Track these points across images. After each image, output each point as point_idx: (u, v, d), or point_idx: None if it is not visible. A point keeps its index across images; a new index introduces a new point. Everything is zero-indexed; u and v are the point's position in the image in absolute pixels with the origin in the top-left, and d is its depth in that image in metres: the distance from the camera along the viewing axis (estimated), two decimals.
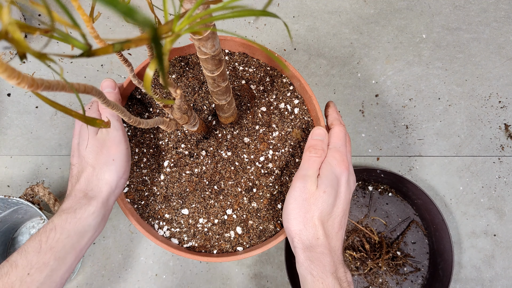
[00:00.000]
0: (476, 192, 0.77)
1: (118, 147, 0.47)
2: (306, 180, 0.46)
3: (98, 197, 0.45)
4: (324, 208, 0.45)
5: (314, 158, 0.47)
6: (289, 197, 0.47)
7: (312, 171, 0.46)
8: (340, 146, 0.48)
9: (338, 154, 0.47)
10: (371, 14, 0.82)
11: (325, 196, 0.45)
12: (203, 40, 0.33)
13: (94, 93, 0.25)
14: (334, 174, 0.46)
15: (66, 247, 0.42)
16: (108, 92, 0.50)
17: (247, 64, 0.59)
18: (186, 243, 0.54)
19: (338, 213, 0.46)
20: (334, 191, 0.45)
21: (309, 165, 0.47)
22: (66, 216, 0.43)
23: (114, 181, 0.46)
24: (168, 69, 0.21)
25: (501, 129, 0.79)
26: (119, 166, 0.47)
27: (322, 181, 0.45)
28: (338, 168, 0.46)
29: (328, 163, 0.46)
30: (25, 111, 0.76)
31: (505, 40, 0.81)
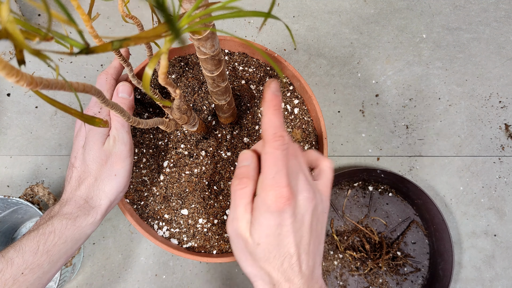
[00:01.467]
0: (476, 192, 0.77)
1: (122, 163, 0.47)
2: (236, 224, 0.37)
3: (98, 208, 0.45)
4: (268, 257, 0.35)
5: (239, 192, 0.37)
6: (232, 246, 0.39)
7: (241, 210, 0.37)
8: (275, 173, 0.35)
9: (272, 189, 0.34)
10: (371, 14, 0.81)
11: (261, 247, 0.35)
12: (203, 40, 0.33)
13: (93, 92, 0.25)
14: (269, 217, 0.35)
15: (61, 252, 0.43)
16: (123, 98, 0.49)
17: (246, 64, 0.59)
18: (186, 243, 0.54)
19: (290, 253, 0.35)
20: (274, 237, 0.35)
21: (235, 202, 0.37)
22: (66, 222, 0.43)
23: (114, 195, 0.47)
24: (167, 68, 0.20)
25: (501, 129, 0.79)
26: (120, 182, 0.47)
27: (254, 227, 0.36)
28: (275, 207, 0.34)
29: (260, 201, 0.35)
30: (25, 111, 0.76)
31: (505, 40, 0.81)
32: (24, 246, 0.41)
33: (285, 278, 0.35)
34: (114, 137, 0.47)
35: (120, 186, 0.47)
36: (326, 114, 0.78)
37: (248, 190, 0.37)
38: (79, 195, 0.45)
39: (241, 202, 0.37)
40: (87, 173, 0.46)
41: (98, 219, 0.45)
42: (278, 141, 0.35)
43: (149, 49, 0.40)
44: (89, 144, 0.46)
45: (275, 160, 0.35)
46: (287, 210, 0.35)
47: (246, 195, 0.37)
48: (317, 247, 0.39)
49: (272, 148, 0.35)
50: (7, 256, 0.40)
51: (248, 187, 0.37)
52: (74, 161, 0.47)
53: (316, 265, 0.38)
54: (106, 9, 0.80)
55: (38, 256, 0.41)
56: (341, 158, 0.77)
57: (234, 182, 0.38)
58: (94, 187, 0.46)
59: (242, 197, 0.37)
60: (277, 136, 0.35)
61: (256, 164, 0.39)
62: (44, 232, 0.42)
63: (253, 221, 0.36)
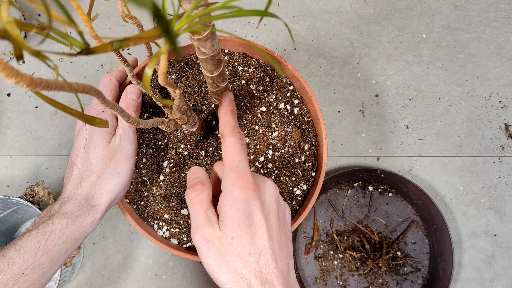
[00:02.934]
0: (476, 192, 0.77)
1: (126, 162, 0.47)
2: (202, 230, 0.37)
3: (98, 207, 0.46)
4: (243, 253, 0.35)
5: (195, 199, 0.38)
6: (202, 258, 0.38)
7: (203, 216, 0.37)
8: (239, 163, 0.37)
9: (238, 177, 0.36)
10: (371, 14, 0.81)
11: (235, 242, 0.35)
12: (202, 40, 0.33)
13: (93, 92, 0.25)
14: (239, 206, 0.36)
15: (61, 251, 0.43)
16: (132, 99, 0.49)
17: (246, 64, 0.59)
18: (186, 243, 0.54)
19: (265, 246, 0.36)
20: (246, 228, 0.35)
21: (195, 210, 0.38)
22: (67, 222, 0.43)
23: (115, 194, 0.47)
24: (167, 68, 0.21)
25: (501, 129, 0.79)
26: (122, 180, 0.47)
27: (224, 224, 0.36)
28: (243, 195, 0.35)
29: (227, 195, 0.36)
30: (25, 111, 0.76)
31: (506, 40, 0.81)
32: (25, 246, 0.41)
33: (261, 279, 0.35)
34: (121, 136, 0.47)
35: (122, 185, 0.47)
36: (326, 114, 0.78)
37: (204, 195, 0.38)
38: (80, 193, 0.45)
39: (201, 208, 0.37)
40: (90, 171, 0.46)
41: (98, 218, 0.45)
42: (238, 134, 0.39)
43: (149, 50, 0.40)
44: (94, 142, 0.46)
45: (237, 151, 0.38)
46: (255, 197, 0.36)
47: (203, 200, 0.38)
48: (287, 244, 0.39)
49: (232, 141, 0.38)
50: (8, 255, 0.40)
51: (204, 192, 0.38)
52: (75, 159, 0.47)
53: (290, 267, 0.38)
54: (105, 9, 0.80)
55: (38, 256, 0.41)
56: (341, 158, 0.77)
57: (187, 192, 0.39)
58: (96, 185, 0.46)
59: (200, 203, 0.38)
60: (235, 131, 0.39)
61: (206, 174, 0.41)
62: (45, 232, 0.42)
63: (222, 218, 0.36)
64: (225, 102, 0.42)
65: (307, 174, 0.55)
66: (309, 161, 0.56)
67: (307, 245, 0.73)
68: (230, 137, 0.38)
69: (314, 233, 0.74)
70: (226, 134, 0.39)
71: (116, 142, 0.47)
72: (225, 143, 0.38)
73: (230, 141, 0.38)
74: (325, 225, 0.75)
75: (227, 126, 0.39)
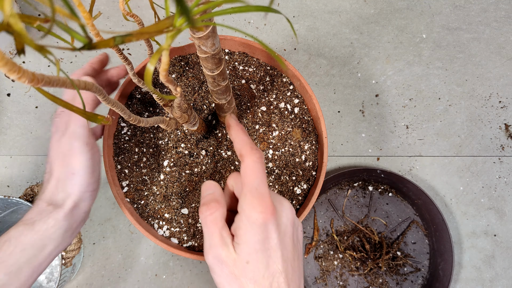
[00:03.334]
0: (476, 192, 0.77)
1: (77, 159, 0.42)
2: (216, 250, 0.36)
3: (60, 209, 0.41)
4: (257, 277, 0.34)
5: (209, 218, 0.37)
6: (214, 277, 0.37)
7: (217, 236, 0.36)
8: (258, 185, 0.35)
9: (257, 200, 0.34)
10: (371, 14, 0.82)
11: (250, 266, 0.34)
12: (203, 38, 0.33)
13: (94, 89, 0.25)
14: (256, 231, 0.35)
15: (20, 261, 0.39)
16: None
17: (247, 64, 0.59)
18: (186, 242, 0.54)
19: (279, 270, 0.35)
20: (262, 252, 0.35)
21: (209, 230, 0.37)
22: (23, 228, 0.40)
23: (77, 195, 0.42)
24: (169, 65, 0.21)
25: (501, 129, 0.79)
26: (80, 180, 0.43)
27: (239, 247, 0.35)
28: (261, 219, 0.34)
29: (244, 218, 0.35)
30: (25, 111, 0.76)
31: (505, 40, 0.81)
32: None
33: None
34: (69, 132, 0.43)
35: (83, 185, 0.43)
36: (326, 114, 0.78)
37: (219, 215, 0.37)
38: (43, 198, 0.42)
39: (215, 228, 0.36)
40: (49, 175, 0.43)
41: (60, 220, 0.41)
42: (257, 153, 0.37)
43: (149, 48, 0.40)
44: (50, 143, 0.44)
45: (257, 172, 0.36)
46: (272, 222, 0.35)
47: (217, 220, 0.37)
48: (299, 265, 0.38)
49: (252, 160, 0.36)
50: None
51: (218, 211, 0.37)
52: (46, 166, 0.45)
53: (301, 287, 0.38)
54: (106, 9, 0.80)
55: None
56: (341, 158, 0.77)
57: (201, 209, 0.38)
58: (57, 189, 0.42)
59: (214, 222, 0.36)
60: (254, 149, 0.37)
61: (220, 191, 0.40)
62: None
63: (238, 241, 0.35)
64: (232, 123, 0.42)
65: (307, 173, 0.55)
66: (309, 161, 0.56)
67: (307, 245, 0.73)
68: (250, 156, 0.37)
69: (314, 233, 0.74)
70: (244, 154, 0.37)
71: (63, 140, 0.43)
72: (244, 162, 0.37)
73: (250, 160, 0.37)
74: (325, 225, 0.75)
75: (245, 145, 0.38)
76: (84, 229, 0.73)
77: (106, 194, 0.74)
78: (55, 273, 0.71)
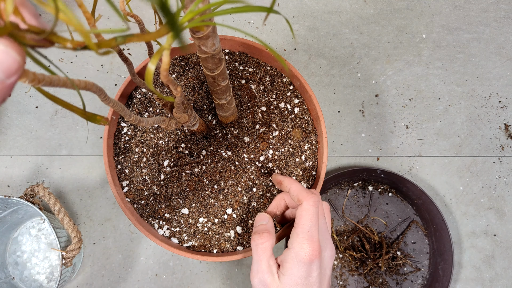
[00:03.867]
0: (476, 192, 0.77)
1: None
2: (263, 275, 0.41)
3: None
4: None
5: (260, 246, 0.42)
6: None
7: (265, 263, 0.41)
8: (310, 228, 0.41)
9: (307, 242, 0.40)
10: (371, 14, 0.82)
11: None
12: (204, 38, 0.33)
13: (95, 89, 0.25)
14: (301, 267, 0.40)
15: None
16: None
17: (247, 64, 0.59)
18: (186, 242, 0.54)
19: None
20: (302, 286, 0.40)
21: (258, 256, 0.42)
22: None
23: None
24: (169, 65, 0.21)
25: (501, 129, 0.79)
26: None
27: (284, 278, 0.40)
28: (308, 259, 0.40)
29: (293, 254, 0.40)
30: (25, 111, 0.76)
31: (505, 40, 0.81)
32: None
33: None
34: None
35: None
36: (326, 114, 0.78)
37: (269, 245, 0.42)
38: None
39: (264, 256, 0.42)
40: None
41: None
42: (314, 198, 0.42)
43: (149, 47, 0.41)
44: None
45: (311, 216, 0.41)
46: (316, 262, 0.40)
47: (267, 249, 0.42)
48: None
49: (309, 204, 0.42)
50: None
51: (269, 242, 0.42)
52: None
53: None
54: (106, 9, 0.80)
55: None
56: (341, 158, 0.77)
57: (254, 237, 0.43)
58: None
59: (264, 251, 0.42)
60: (310, 194, 0.42)
61: (272, 223, 0.46)
62: None
63: (283, 272, 0.40)
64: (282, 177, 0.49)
65: (307, 173, 0.56)
66: (309, 161, 0.56)
67: None
68: (308, 200, 0.42)
69: None
70: (302, 198, 0.42)
71: None
72: (302, 206, 0.42)
73: (307, 204, 0.42)
74: None
75: (301, 191, 0.43)
76: (84, 229, 0.73)
77: (106, 194, 0.74)
78: (55, 273, 0.71)
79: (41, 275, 0.71)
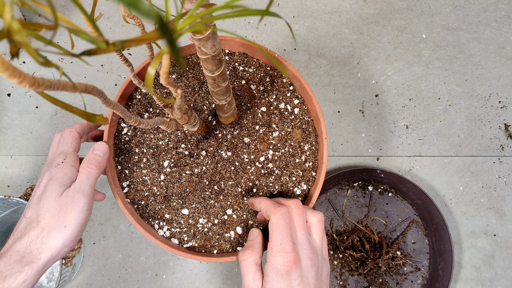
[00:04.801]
0: (476, 192, 0.77)
1: (76, 215, 0.43)
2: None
3: (34, 264, 0.41)
4: None
5: (243, 262, 0.44)
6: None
7: (250, 278, 0.43)
8: (282, 240, 0.42)
9: (281, 254, 0.41)
10: (371, 14, 0.82)
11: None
12: (204, 40, 0.33)
13: (95, 92, 0.25)
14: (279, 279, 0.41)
15: None
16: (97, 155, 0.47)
17: (247, 64, 0.59)
18: (186, 243, 0.54)
19: None
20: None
21: (243, 272, 0.44)
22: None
23: (58, 249, 0.42)
24: (169, 68, 0.21)
25: (501, 129, 0.79)
26: (68, 235, 0.43)
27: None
28: (284, 270, 0.41)
29: (271, 267, 0.42)
30: (25, 111, 0.76)
31: (505, 40, 0.81)
32: None
33: None
34: (76, 187, 0.44)
35: (68, 239, 0.43)
36: (326, 114, 0.78)
37: (252, 260, 0.44)
38: (17, 249, 0.41)
39: (249, 271, 0.43)
40: (35, 223, 0.42)
41: (32, 275, 0.40)
42: (282, 210, 0.43)
43: (150, 49, 0.41)
44: (47, 193, 0.43)
45: (281, 228, 0.42)
46: (294, 272, 0.41)
47: (250, 264, 0.44)
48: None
49: (276, 218, 0.43)
50: None
51: (251, 257, 0.44)
52: (26, 211, 0.44)
53: None
54: (106, 9, 0.80)
55: None
56: (341, 158, 0.78)
57: (240, 253, 0.45)
58: (38, 239, 0.42)
59: (247, 267, 0.43)
60: (277, 207, 0.44)
61: (261, 238, 0.48)
62: None
63: (265, 285, 0.42)
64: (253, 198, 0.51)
65: (307, 174, 0.56)
66: (309, 161, 0.56)
67: None
68: (274, 214, 0.43)
69: None
70: (269, 213, 0.44)
71: (69, 194, 0.43)
72: (270, 220, 0.44)
73: (275, 218, 0.43)
74: (325, 225, 0.75)
75: (269, 206, 0.45)
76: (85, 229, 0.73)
77: (106, 194, 0.74)
78: (55, 273, 0.71)
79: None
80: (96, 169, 0.46)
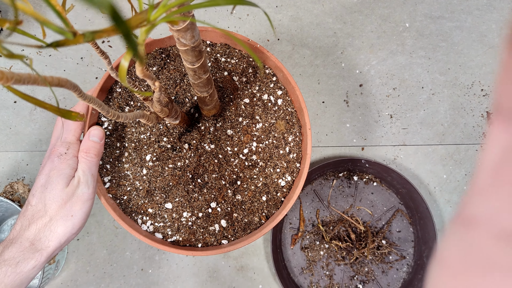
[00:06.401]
0: (459, 180, 0.78)
1: (82, 205, 0.46)
2: None
3: (43, 251, 0.44)
4: None
5: None
6: None
7: None
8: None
9: None
10: (354, 3, 0.81)
11: None
12: (182, 31, 0.32)
13: (69, 86, 0.24)
14: None
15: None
16: (94, 141, 0.49)
17: (229, 55, 0.58)
18: (170, 237, 0.53)
19: None
20: None
21: None
22: (6, 269, 0.41)
23: (65, 237, 0.45)
24: (145, 60, 0.20)
25: (484, 117, 0.79)
26: (76, 223, 0.46)
27: None
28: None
29: None
30: (3, 106, 0.74)
31: (487, 28, 0.81)
32: None
33: None
34: (79, 178, 0.46)
35: (74, 228, 0.46)
36: (311, 104, 0.78)
37: None
38: (27, 236, 0.44)
39: None
40: (42, 212, 0.45)
41: (42, 262, 0.43)
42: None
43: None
44: (52, 184, 0.45)
45: None
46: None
47: None
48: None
49: None
50: None
51: None
52: (31, 199, 0.46)
53: None
54: None
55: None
56: (326, 148, 0.77)
57: None
58: (46, 227, 0.44)
59: None
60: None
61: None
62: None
63: None
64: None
65: (291, 165, 0.55)
66: (293, 152, 0.56)
67: (293, 236, 0.74)
68: None
69: (300, 223, 0.74)
70: None
71: (74, 184, 0.46)
72: None
73: None
74: (310, 216, 0.75)
75: None
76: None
77: None
78: None
79: None
80: (96, 157, 0.48)
